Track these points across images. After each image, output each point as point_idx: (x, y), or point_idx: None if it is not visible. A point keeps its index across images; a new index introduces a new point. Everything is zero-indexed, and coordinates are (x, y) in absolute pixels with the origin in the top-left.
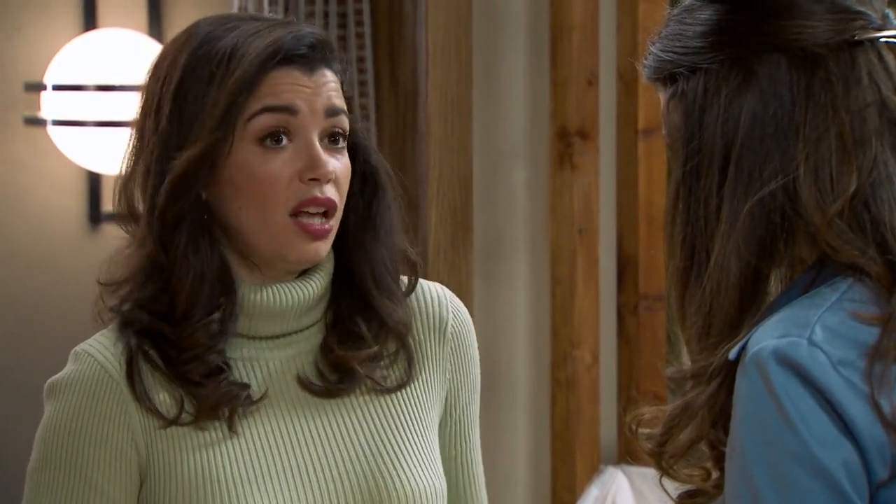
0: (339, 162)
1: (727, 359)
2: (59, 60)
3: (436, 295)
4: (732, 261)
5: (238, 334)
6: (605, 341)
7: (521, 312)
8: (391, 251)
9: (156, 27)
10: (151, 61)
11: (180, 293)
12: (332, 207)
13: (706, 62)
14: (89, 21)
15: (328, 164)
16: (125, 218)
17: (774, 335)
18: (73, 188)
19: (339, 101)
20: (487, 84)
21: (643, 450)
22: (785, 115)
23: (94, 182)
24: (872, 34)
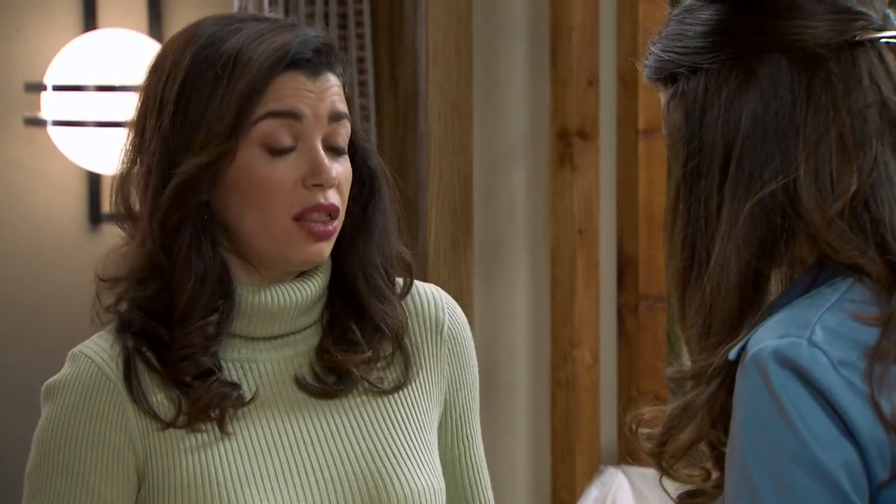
0: (341, 166)
1: (727, 359)
2: (59, 61)
3: (431, 296)
4: (733, 261)
5: (235, 335)
6: (605, 341)
7: (521, 312)
8: (385, 254)
9: (156, 27)
10: (151, 59)
11: (181, 295)
12: (335, 212)
13: (707, 62)
14: (89, 21)
15: (332, 170)
16: (122, 217)
17: (775, 335)
18: (73, 188)
19: (342, 106)
20: (487, 84)
21: (643, 450)
22: (785, 116)
23: (94, 182)
24: (873, 35)
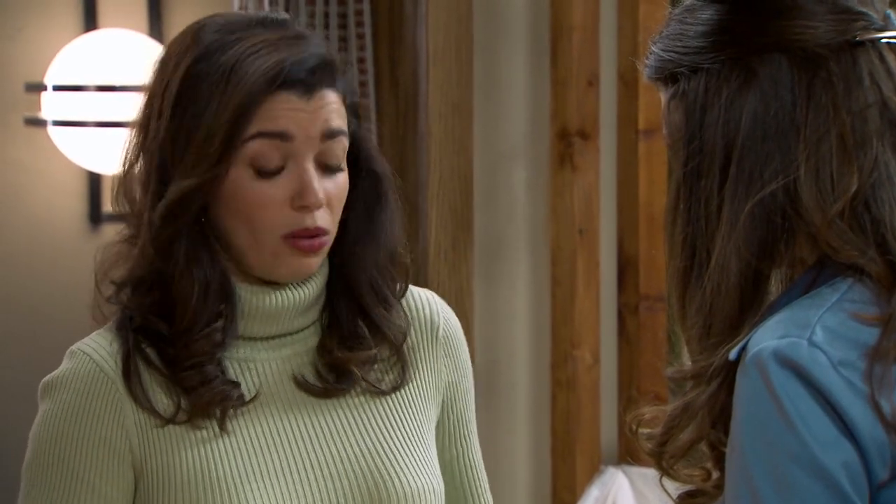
0: (333, 184)
1: (727, 359)
2: (59, 61)
3: (426, 300)
4: (733, 261)
5: (235, 335)
6: (605, 341)
7: (521, 313)
8: (389, 258)
9: (156, 27)
10: (157, 58)
11: (184, 306)
12: (323, 233)
13: (707, 62)
14: (90, 21)
15: (319, 192)
16: (126, 213)
17: (775, 336)
18: (73, 188)
19: (338, 123)
20: (488, 85)
21: (643, 450)
22: (786, 116)
23: (94, 182)
24: (874, 35)
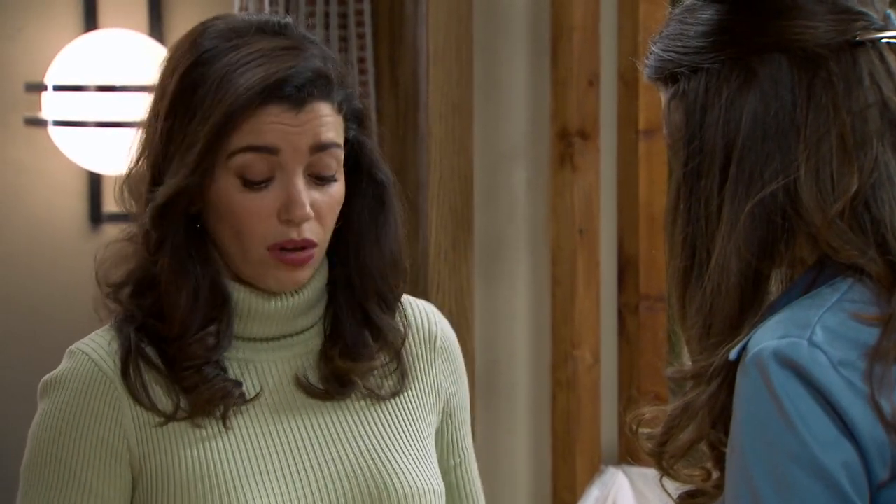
0: (324, 195)
1: (727, 359)
2: (59, 61)
3: (424, 311)
4: (733, 261)
5: (234, 336)
6: (605, 341)
7: (521, 313)
8: (392, 264)
9: (156, 28)
10: (164, 56)
11: (174, 313)
12: (310, 245)
13: (707, 62)
14: (90, 21)
15: (306, 206)
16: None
17: (775, 336)
18: (73, 188)
19: (329, 135)
20: (488, 85)
21: (644, 450)
22: (786, 116)
23: (94, 182)
24: (874, 35)
